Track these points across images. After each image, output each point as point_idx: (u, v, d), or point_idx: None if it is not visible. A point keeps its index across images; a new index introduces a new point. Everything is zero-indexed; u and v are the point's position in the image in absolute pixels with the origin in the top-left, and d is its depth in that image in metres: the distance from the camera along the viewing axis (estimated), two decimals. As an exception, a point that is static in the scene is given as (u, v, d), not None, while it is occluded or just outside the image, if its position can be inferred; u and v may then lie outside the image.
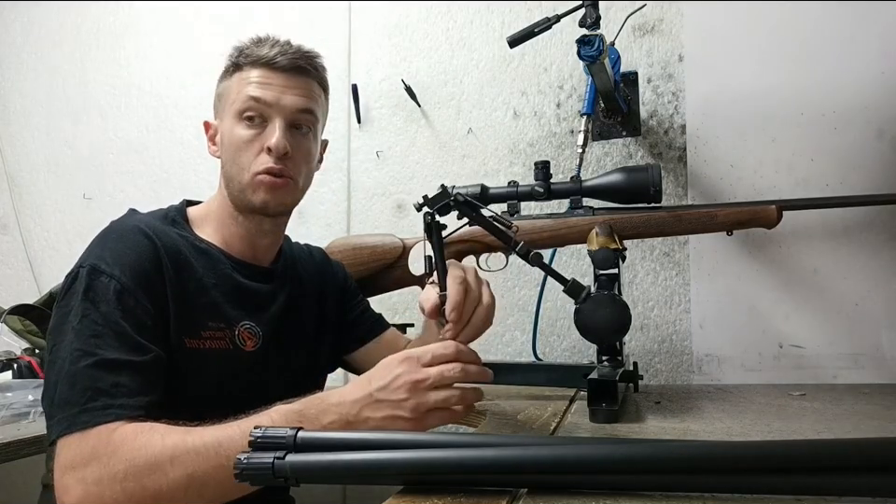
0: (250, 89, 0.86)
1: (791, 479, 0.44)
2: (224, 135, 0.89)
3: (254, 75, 0.86)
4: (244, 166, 0.86)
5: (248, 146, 0.86)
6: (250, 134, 0.86)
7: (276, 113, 0.86)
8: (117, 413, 0.68)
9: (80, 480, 0.65)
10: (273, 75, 0.86)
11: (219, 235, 0.90)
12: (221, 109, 0.91)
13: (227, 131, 0.88)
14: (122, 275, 0.75)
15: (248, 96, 0.86)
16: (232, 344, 0.85)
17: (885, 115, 1.25)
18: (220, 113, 0.91)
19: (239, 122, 0.87)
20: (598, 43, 1.04)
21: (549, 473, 0.48)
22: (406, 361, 0.66)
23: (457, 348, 0.67)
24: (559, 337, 1.46)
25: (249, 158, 0.86)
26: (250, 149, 0.86)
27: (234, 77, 0.88)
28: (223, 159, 0.90)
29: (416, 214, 0.78)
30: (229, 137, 0.88)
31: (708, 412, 0.91)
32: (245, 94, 0.86)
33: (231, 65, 0.89)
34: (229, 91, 0.89)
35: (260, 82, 0.86)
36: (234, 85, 0.88)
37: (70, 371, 0.69)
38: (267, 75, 0.86)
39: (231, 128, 0.87)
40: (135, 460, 0.64)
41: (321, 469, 0.50)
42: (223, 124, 0.90)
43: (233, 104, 0.87)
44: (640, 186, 1.02)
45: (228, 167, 0.89)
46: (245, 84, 0.86)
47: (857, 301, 1.26)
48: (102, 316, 0.72)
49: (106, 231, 0.82)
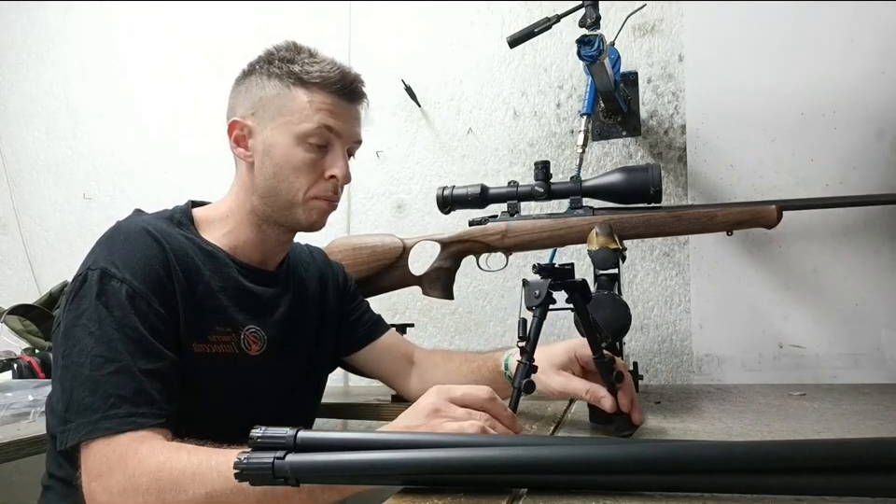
0: (323, 117, 0.85)
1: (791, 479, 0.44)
2: (274, 149, 0.86)
3: (325, 101, 0.86)
4: (299, 187, 0.86)
5: (309, 168, 0.86)
6: (312, 158, 0.86)
7: (340, 142, 0.88)
8: (141, 422, 0.68)
9: (106, 489, 0.66)
10: (341, 103, 0.87)
11: (228, 239, 0.89)
12: (268, 117, 0.86)
13: (281, 147, 0.86)
14: (133, 279, 0.75)
15: (321, 124, 0.85)
16: (238, 349, 0.85)
17: (885, 115, 1.25)
18: (265, 120, 0.87)
19: (300, 144, 0.85)
20: (598, 43, 1.04)
21: (549, 473, 0.48)
22: (437, 393, 0.64)
23: (491, 396, 0.64)
24: (559, 337, 1.46)
25: (308, 181, 0.87)
26: (311, 173, 0.87)
27: (297, 92, 0.85)
28: (265, 170, 0.87)
29: (416, 214, 0.77)
30: (285, 155, 0.86)
31: (708, 412, 0.91)
32: (318, 121, 0.85)
33: (290, 75, 0.86)
34: (288, 105, 0.85)
35: (332, 111, 0.86)
36: (299, 103, 0.85)
37: (90, 377, 0.69)
38: (337, 103, 0.87)
39: (288, 146, 0.85)
40: (159, 474, 0.64)
41: (321, 469, 0.50)
42: (271, 136, 0.86)
43: (298, 123, 0.85)
44: (640, 186, 1.01)
45: (275, 182, 0.86)
46: (315, 109, 0.85)
47: (857, 301, 1.26)
48: (117, 322, 0.72)
49: (113, 233, 0.81)
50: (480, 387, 0.65)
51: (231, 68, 0.95)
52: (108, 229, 0.82)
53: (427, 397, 0.64)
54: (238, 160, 0.91)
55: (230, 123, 0.89)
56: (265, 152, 0.87)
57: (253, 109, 0.88)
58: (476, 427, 0.59)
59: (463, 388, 0.64)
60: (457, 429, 0.59)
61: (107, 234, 0.81)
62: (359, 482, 0.55)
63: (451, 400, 0.63)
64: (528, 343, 0.68)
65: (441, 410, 0.62)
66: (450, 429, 0.59)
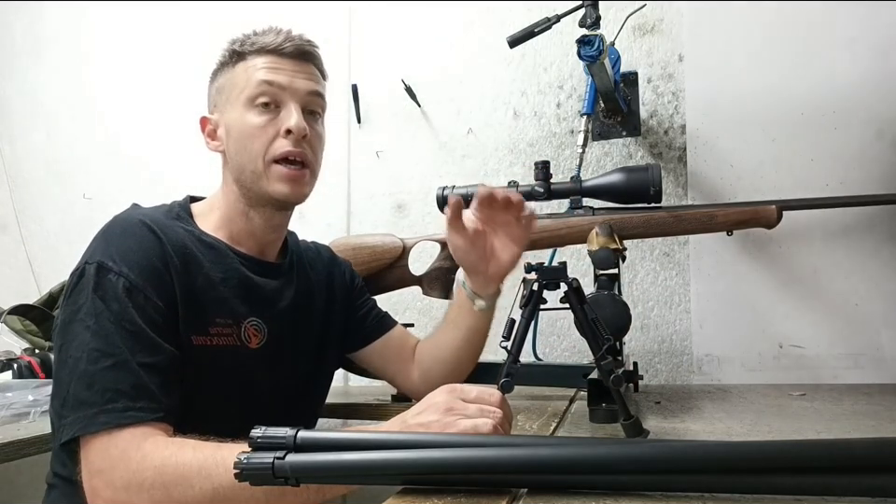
0: (261, 74, 0.85)
1: (791, 479, 0.44)
2: (231, 125, 0.87)
3: (262, 61, 0.86)
4: (258, 153, 0.85)
5: (262, 131, 0.85)
6: (264, 120, 0.85)
7: (290, 97, 0.86)
8: (139, 416, 0.68)
9: (109, 483, 0.65)
10: (282, 60, 0.86)
11: (225, 231, 0.89)
12: (223, 101, 0.88)
13: (235, 120, 0.86)
14: (131, 272, 0.74)
15: (260, 80, 0.84)
16: (239, 341, 0.84)
17: (885, 115, 1.25)
18: (222, 105, 0.89)
19: (250, 109, 0.85)
20: (598, 43, 1.04)
21: (549, 473, 0.48)
22: (450, 391, 0.64)
23: (503, 399, 0.64)
24: (559, 337, 1.46)
25: (263, 143, 0.85)
26: (264, 135, 0.85)
27: (238, 66, 0.87)
28: (230, 150, 0.88)
29: (416, 214, 0.77)
30: (239, 126, 0.86)
31: (708, 412, 0.91)
32: (257, 79, 0.85)
33: (233, 54, 0.88)
34: (234, 81, 0.87)
35: (270, 67, 0.85)
36: (240, 74, 0.86)
37: (87, 371, 0.69)
38: (276, 60, 0.86)
39: (240, 116, 0.86)
40: (164, 469, 0.64)
41: (321, 468, 0.50)
42: (228, 115, 0.88)
43: (242, 91, 0.85)
44: (640, 186, 1.01)
45: (238, 157, 0.86)
46: (253, 71, 0.85)
47: (857, 301, 1.26)
48: (114, 315, 0.72)
49: (110, 226, 0.80)
50: (492, 390, 0.65)
51: (230, 68, 0.95)
52: (106, 222, 0.81)
53: (439, 394, 0.64)
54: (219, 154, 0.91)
55: (199, 122, 0.91)
56: (227, 134, 0.88)
57: (214, 102, 0.91)
58: (489, 426, 0.59)
59: (477, 389, 0.64)
60: (471, 427, 0.59)
61: (104, 228, 0.80)
62: (359, 482, 0.54)
63: (464, 400, 0.63)
64: (512, 344, 0.68)
65: (455, 408, 0.61)
66: (464, 427, 0.59)
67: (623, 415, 0.67)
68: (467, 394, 0.63)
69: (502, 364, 0.69)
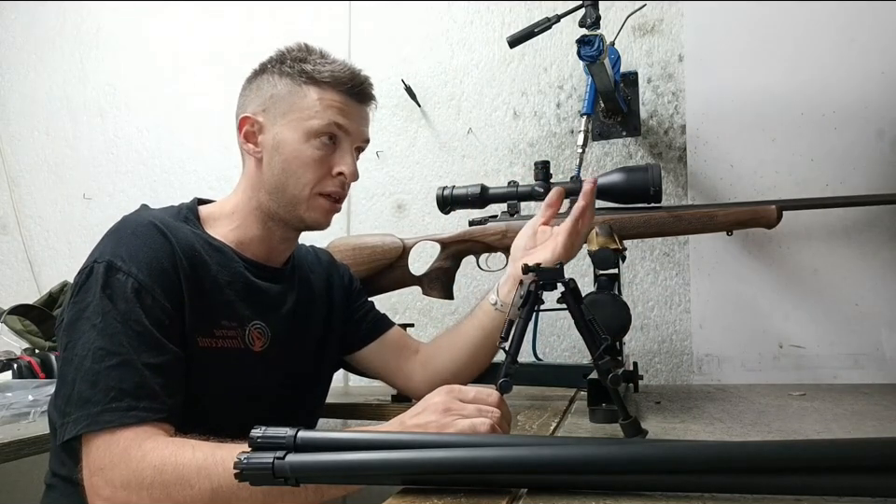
0: (333, 114, 0.87)
1: (791, 479, 0.44)
2: (284, 145, 0.87)
3: (335, 99, 0.87)
4: (306, 183, 0.87)
5: (317, 164, 0.88)
6: (322, 155, 0.88)
7: (349, 140, 0.90)
8: (142, 416, 0.68)
9: (108, 482, 0.65)
10: (352, 103, 0.89)
11: (234, 235, 0.90)
12: (278, 112, 0.88)
13: (291, 142, 0.87)
14: (139, 273, 0.75)
15: (333, 122, 0.87)
16: (244, 344, 0.85)
17: (885, 115, 1.25)
18: (275, 117, 0.88)
19: (312, 140, 0.87)
20: (598, 43, 1.04)
21: (549, 473, 0.48)
22: (448, 392, 0.64)
23: (501, 400, 0.64)
24: (559, 337, 1.46)
25: (316, 177, 0.88)
26: (319, 169, 0.88)
27: (309, 90, 0.87)
28: (274, 166, 0.88)
29: (416, 214, 0.77)
30: (294, 150, 0.87)
31: (708, 412, 0.91)
32: (329, 119, 0.87)
33: (302, 74, 0.88)
34: (298, 102, 0.87)
35: (342, 109, 0.88)
36: (311, 100, 0.87)
37: (92, 369, 0.69)
38: (347, 102, 0.89)
39: (297, 142, 0.87)
40: (163, 468, 0.64)
41: (321, 468, 0.50)
42: (281, 132, 0.88)
43: (309, 119, 0.86)
44: (640, 186, 1.01)
45: (283, 177, 0.88)
46: (327, 106, 0.87)
47: (857, 301, 1.26)
48: (121, 315, 0.72)
49: (120, 226, 0.81)
50: (490, 390, 0.65)
51: (230, 68, 0.95)
52: (116, 222, 0.82)
53: (437, 395, 0.64)
54: (246, 156, 0.91)
55: (240, 119, 0.90)
56: (274, 148, 0.88)
57: (264, 106, 0.89)
58: (487, 426, 0.59)
59: (475, 389, 0.64)
60: (469, 427, 0.59)
61: (115, 227, 0.81)
62: (359, 482, 0.55)
63: (461, 400, 0.63)
64: (511, 345, 0.68)
65: (453, 408, 0.62)
66: (462, 427, 0.60)
67: (622, 415, 0.67)
68: (465, 394, 0.64)
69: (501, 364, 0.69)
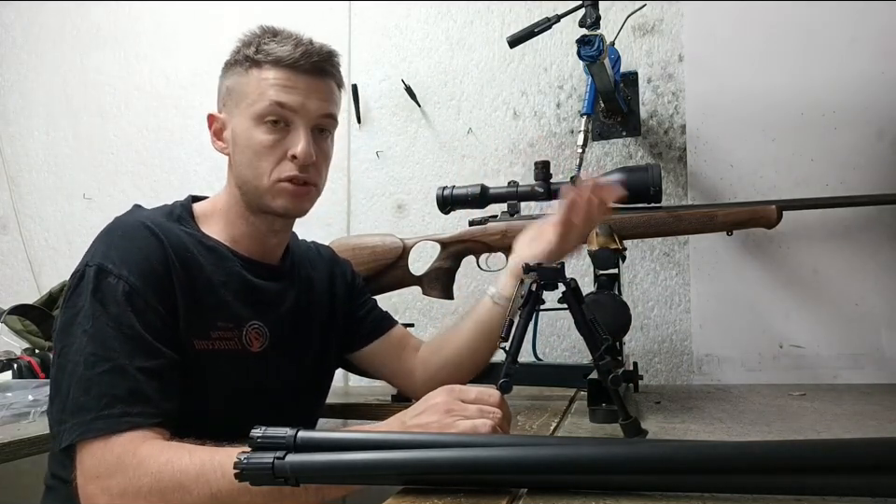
0: (272, 92, 0.82)
1: (791, 479, 0.44)
2: (238, 135, 0.85)
3: (275, 76, 0.82)
4: (263, 171, 0.83)
5: (269, 151, 0.83)
6: (271, 139, 0.83)
7: (300, 119, 0.83)
8: (136, 422, 0.67)
9: (105, 490, 0.65)
10: (297, 77, 0.83)
11: (227, 233, 0.88)
12: (233, 105, 0.86)
13: (242, 131, 0.84)
14: (130, 275, 0.73)
15: (272, 101, 0.82)
16: (241, 345, 0.83)
17: (885, 115, 1.25)
18: (232, 109, 0.86)
19: (258, 126, 0.83)
20: (598, 43, 1.04)
21: (549, 473, 0.48)
22: (449, 392, 0.63)
23: (502, 400, 0.64)
24: (559, 337, 1.46)
25: (270, 163, 0.83)
26: (271, 155, 0.83)
27: (251, 73, 0.83)
28: (236, 159, 0.86)
29: (416, 214, 0.77)
30: (245, 140, 0.84)
31: (708, 412, 0.91)
32: (268, 98, 0.82)
33: (247, 59, 0.84)
34: (245, 89, 0.84)
35: (283, 85, 0.82)
36: (252, 83, 0.83)
37: (84, 375, 0.68)
38: (290, 77, 0.83)
39: (247, 130, 0.83)
40: (161, 475, 0.63)
41: (321, 468, 0.50)
42: (236, 122, 0.85)
43: (252, 105, 0.83)
44: (640, 186, 1.01)
45: (243, 169, 0.85)
46: (266, 86, 0.82)
47: (857, 301, 1.26)
48: (113, 319, 0.71)
49: (111, 228, 0.79)
50: (491, 390, 0.64)
51: (230, 68, 0.94)
52: (108, 224, 0.80)
53: (438, 395, 0.63)
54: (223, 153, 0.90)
55: (207, 118, 0.89)
56: (234, 141, 0.86)
57: (223, 101, 0.88)
58: (488, 427, 0.59)
59: (476, 389, 0.64)
60: (470, 427, 0.59)
61: (106, 229, 0.79)
62: (359, 482, 0.54)
63: (463, 401, 0.62)
64: (511, 344, 0.68)
65: (454, 409, 0.61)
66: (463, 427, 0.59)
67: (622, 415, 0.67)
68: (466, 394, 0.63)
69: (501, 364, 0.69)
